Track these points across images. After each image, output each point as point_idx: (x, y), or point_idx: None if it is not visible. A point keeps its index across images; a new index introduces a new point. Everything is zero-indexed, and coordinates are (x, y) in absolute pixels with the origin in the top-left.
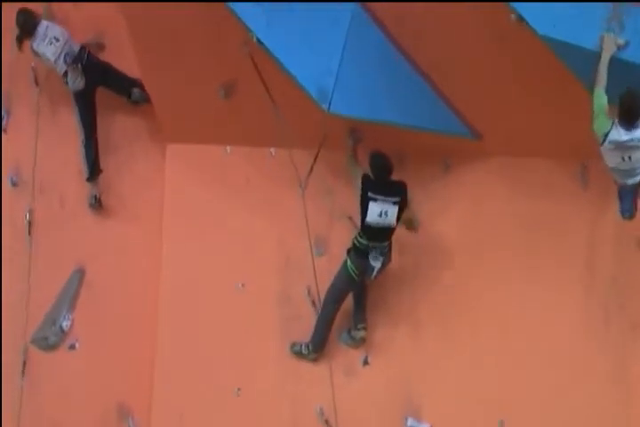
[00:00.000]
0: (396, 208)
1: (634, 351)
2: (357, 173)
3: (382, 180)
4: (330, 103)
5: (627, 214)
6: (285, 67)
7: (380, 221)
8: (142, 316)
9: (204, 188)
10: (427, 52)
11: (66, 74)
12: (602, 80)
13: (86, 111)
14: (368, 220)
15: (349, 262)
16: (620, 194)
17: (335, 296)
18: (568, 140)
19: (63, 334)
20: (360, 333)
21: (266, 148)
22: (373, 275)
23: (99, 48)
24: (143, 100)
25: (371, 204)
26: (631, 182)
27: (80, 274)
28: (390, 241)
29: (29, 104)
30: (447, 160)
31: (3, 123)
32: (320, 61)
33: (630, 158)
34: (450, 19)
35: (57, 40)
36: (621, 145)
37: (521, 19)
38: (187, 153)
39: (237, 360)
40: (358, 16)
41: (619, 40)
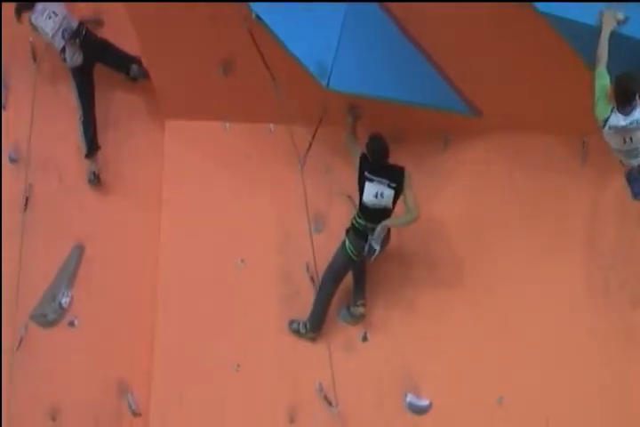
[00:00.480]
0: (392, 192)
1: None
2: (356, 153)
3: (379, 162)
4: (329, 79)
5: (639, 197)
6: (284, 43)
7: (376, 202)
8: (142, 292)
9: (203, 164)
10: (427, 29)
11: (64, 49)
12: (603, 57)
13: (84, 87)
14: (364, 200)
15: (348, 243)
16: (629, 177)
17: (333, 276)
18: (568, 116)
19: (62, 311)
20: (359, 309)
21: (265, 124)
22: (373, 257)
23: (98, 24)
24: (142, 76)
25: (367, 184)
26: (637, 163)
27: (79, 250)
28: None
29: (28, 80)
30: (447, 137)
31: (2, 99)
32: (319, 37)
33: (632, 140)
34: None
35: (55, 15)
36: (621, 129)
37: None
38: (185, 129)
39: (237, 336)
40: None
41: (619, 15)
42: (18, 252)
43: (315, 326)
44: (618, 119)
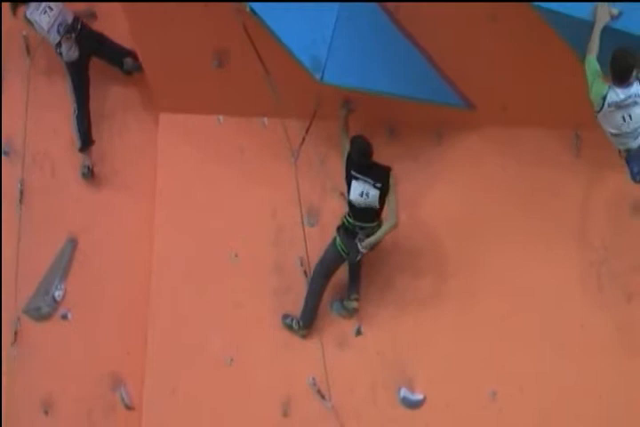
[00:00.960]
0: (377, 192)
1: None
2: (345, 149)
3: (363, 163)
4: (323, 73)
5: (638, 178)
6: (278, 36)
7: (362, 201)
8: (135, 286)
9: (197, 157)
10: (420, 23)
11: (59, 44)
12: (594, 49)
13: (79, 82)
14: (351, 198)
15: (338, 240)
16: (628, 159)
17: (324, 271)
18: (561, 109)
19: (56, 304)
20: (353, 303)
21: (258, 117)
22: (357, 258)
23: (91, 17)
24: (136, 69)
25: (353, 182)
26: (637, 145)
27: (73, 244)
28: (379, 222)
29: (22, 74)
30: (440, 131)
31: None
32: (313, 31)
33: (631, 117)
34: None
35: (51, 9)
36: (620, 104)
37: None
38: (179, 123)
39: (230, 330)
40: None
41: (612, 10)
42: (12, 245)
43: (307, 323)
44: (616, 94)
